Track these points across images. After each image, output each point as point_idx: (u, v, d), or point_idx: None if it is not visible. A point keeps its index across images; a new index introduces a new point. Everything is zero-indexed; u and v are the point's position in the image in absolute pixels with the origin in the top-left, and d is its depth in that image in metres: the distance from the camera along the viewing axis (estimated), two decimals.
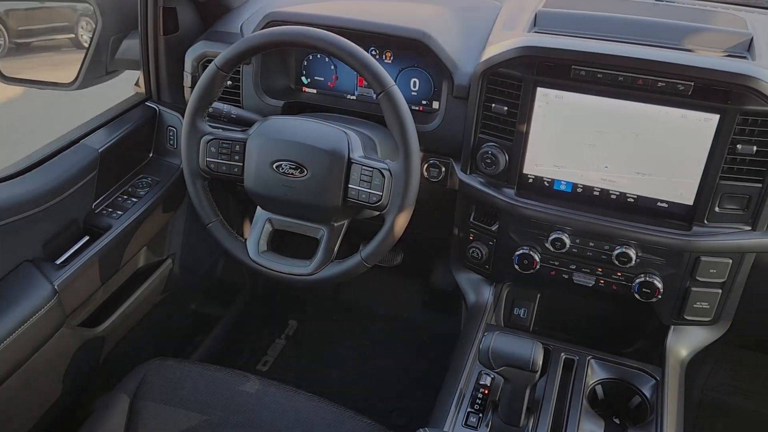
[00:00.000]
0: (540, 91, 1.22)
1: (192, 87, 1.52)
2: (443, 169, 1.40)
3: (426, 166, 1.41)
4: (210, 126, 1.28)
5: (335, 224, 1.26)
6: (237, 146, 1.26)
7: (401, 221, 1.18)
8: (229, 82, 1.47)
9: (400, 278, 2.22)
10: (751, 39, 1.25)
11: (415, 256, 2.01)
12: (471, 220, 1.40)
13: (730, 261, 1.23)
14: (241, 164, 1.26)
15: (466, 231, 1.41)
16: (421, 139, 1.29)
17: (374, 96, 1.19)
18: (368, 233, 1.25)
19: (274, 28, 1.21)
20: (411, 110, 1.38)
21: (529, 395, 1.11)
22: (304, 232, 1.28)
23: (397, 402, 1.96)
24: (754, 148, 1.13)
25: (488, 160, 1.30)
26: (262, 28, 1.39)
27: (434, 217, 1.50)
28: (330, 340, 2.18)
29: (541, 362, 1.06)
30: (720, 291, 1.27)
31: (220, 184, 1.33)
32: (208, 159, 1.27)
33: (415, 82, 1.44)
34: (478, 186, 1.35)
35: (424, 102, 1.45)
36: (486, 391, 1.19)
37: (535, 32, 1.32)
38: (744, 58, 1.22)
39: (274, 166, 1.22)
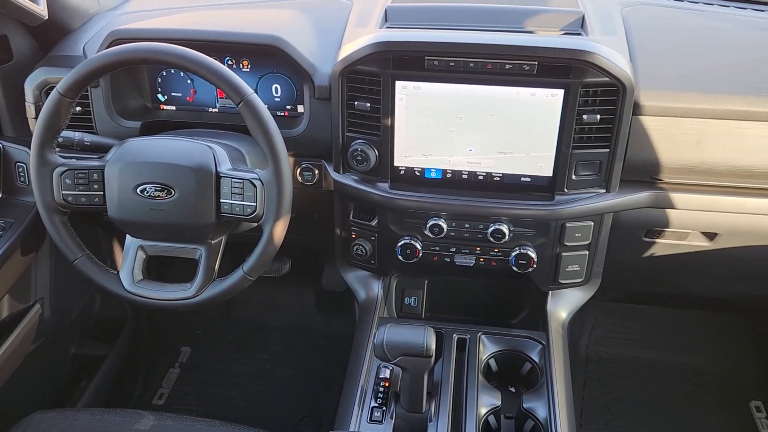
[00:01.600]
0: (399, 84, 1.25)
1: (36, 118, 1.42)
2: (316, 171, 1.40)
3: (299, 170, 1.40)
4: (62, 157, 1.20)
5: (212, 242, 1.22)
6: (95, 174, 1.19)
7: (279, 229, 1.16)
8: (77, 108, 1.39)
9: (291, 286, 2.20)
10: (583, 16, 1.35)
11: (303, 262, 2.00)
12: (350, 218, 1.40)
13: (592, 223, 1.32)
14: (102, 193, 1.19)
15: (348, 230, 1.42)
16: (289, 143, 1.29)
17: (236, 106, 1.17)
18: (250, 245, 1.23)
19: (120, 46, 1.15)
20: (276, 116, 1.37)
21: (428, 380, 1.13)
22: (180, 255, 1.23)
23: (304, 410, 1.94)
24: (598, 116, 1.22)
25: (359, 158, 1.32)
26: (107, 48, 1.32)
27: (315, 220, 1.50)
28: (227, 359, 2.12)
29: (434, 347, 1.09)
30: (587, 252, 1.36)
31: (84, 216, 1.25)
32: (64, 192, 1.19)
33: (276, 88, 1.43)
34: (352, 184, 1.36)
35: (288, 107, 1.44)
36: (387, 384, 1.21)
37: (387, 27, 1.35)
38: (579, 34, 1.32)
39: (138, 190, 1.16)
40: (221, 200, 1.17)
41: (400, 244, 1.37)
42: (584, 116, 1.22)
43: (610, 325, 2.14)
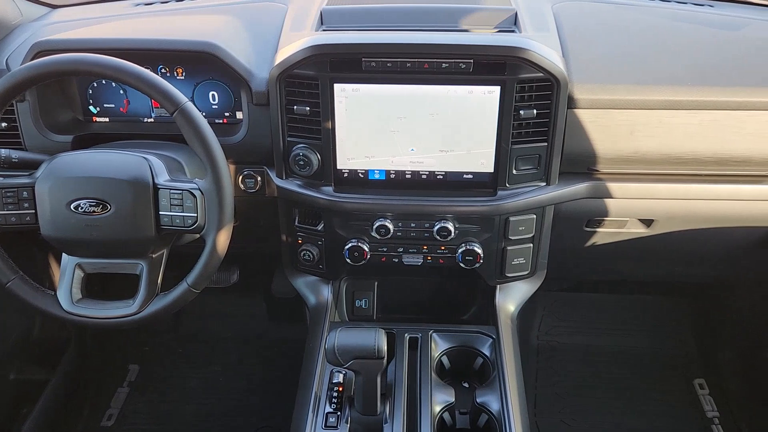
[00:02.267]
0: (337, 87, 1.24)
1: None
2: (259, 178, 1.38)
3: (240, 177, 1.38)
4: None
5: (153, 256, 1.19)
6: (24, 192, 1.14)
7: (222, 239, 1.14)
8: (3, 124, 1.33)
9: (241, 295, 2.16)
10: (516, 13, 1.37)
11: (252, 270, 1.97)
12: (296, 223, 1.39)
13: (535, 216, 1.35)
14: (33, 211, 1.14)
15: (294, 235, 1.41)
16: (229, 151, 1.27)
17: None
18: (195, 257, 1.20)
19: (45, 58, 1.11)
20: (214, 123, 1.34)
21: (382, 382, 1.13)
22: (120, 271, 1.20)
23: (260, 420, 1.91)
24: (535, 111, 1.24)
25: (301, 162, 1.30)
26: (31, 60, 1.27)
27: (261, 227, 1.48)
28: (178, 375, 2.07)
29: (385, 348, 1.09)
30: (531, 245, 1.39)
31: (17, 235, 1.20)
32: None
33: (213, 95, 1.40)
34: (296, 189, 1.34)
35: (226, 114, 1.42)
36: (340, 389, 1.20)
37: (323, 30, 1.34)
38: (512, 31, 1.34)
39: (72, 206, 1.12)
40: (160, 212, 1.14)
41: (347, 247, 1.36)
42: (521, 112, 1.24)
43: (558, 315, 2.18)
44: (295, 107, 1.27)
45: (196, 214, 1.13)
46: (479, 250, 1.35)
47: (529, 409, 1.90)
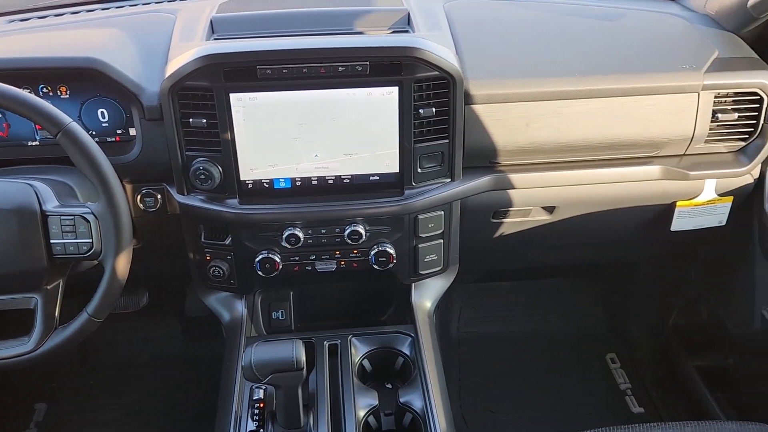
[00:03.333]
0: (233, 96, 1.21)
1: None
2: (159, 196, 1.32)
3: (139, 196, 1.32)
4: None
5: (48, 287, 1.11)
6: None
7: (122, 264, 1.09)
8: None
9: (153, 318, 2.08)
10: (409, 14, 1.39)
11: (162, 291, 1.90)
12: (202, 240, 1.35)
13: (443, 212, 1.36)
14: None
15: (201, 252, 1.36)
16: (124, 169, 1.21)
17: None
18: (97, 283, 1.14)
19: None
20: (106, 142, 1.28)
21: (303, 393, 1.12)
22: (12, 306, 1.11)
23: None
24: (434, 109, 1.26)
25: (202, 176, 1.26)
26: None
27: (166, 246, 1.42)
28: (91, 408, 1.96)
29: (304, 359, 1.07)
30: (442, 241, 1.41)
31: None
32: None
33: (103, 112, 1.33)
34: (199, 204, 1.30)
35: (119, 131, 1.35)
36: (261, 405, 1.17)
37: (215, 39, 1.31)
38: (406, 32, 1.35)
39: None
40: (51, 241, 1.07)
41: (258, 259, 1.33)
42: (421, 111, 1.25)
43: (475, 306, 2.23)
44: (191, 120, 1.23)
45: (91, 240, 1.07)
46: (391, 251, 1.35)
47: (455, 401, 1.93)
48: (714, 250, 1.71)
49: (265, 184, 1.30)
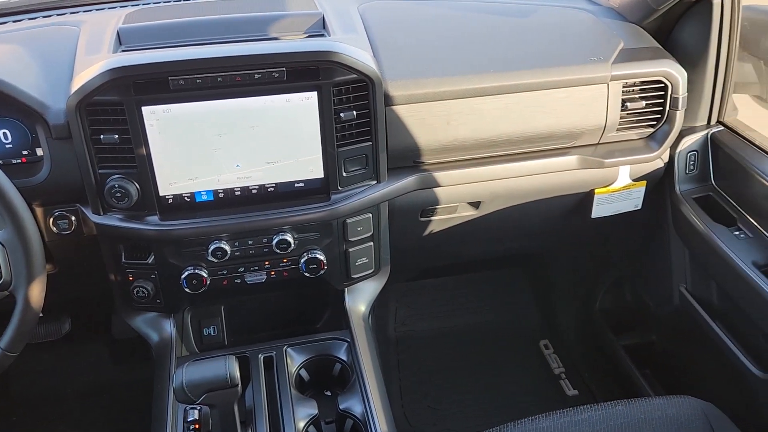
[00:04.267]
0: (146, 110, 1.17)
1: None
2: (73, 217, 1.26)
3: (51, 219, 1.25)
4: None
5: None
6: None
7: (36, 293, 1.03)
8: None
9: (78, 344, 1.98)
10: (323, 17, 1.38)
11: (86, 316, 1.82)
12: (123, 260, 1.29)
13: (371, 215, 1.36)
14: None
15: (123, 273, 1.31)
16: (34, 192, 1.16)
17: None
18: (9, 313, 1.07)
19: None
20: (11, 164, 1.22)
21: (240, 410, 1.09)
22: None
23: None
24: (355, 113, 1.25)
25: (118, 195, 1.21)
26: None
27: (85, 270, 1.36)
28: None
29: (238, 374, 1.05)
30: (372, 243, 1.40)
31: None
32: None
33: (5, 133, 1.25)
34: (117, 224, 1.25)
35: (24, 152, 1.26)
36: (197, 426, 1.13)
37: (122, 51, 1.26)
38: (322, 35, 1.34)
39: None
40: None
41: (184, 276, 1.29)
42: (341, 114, 1.24)
43: (411, 304, 2.25)
44: (101, 137, 1.17)
45: None
46: (322, 257, 1.34)
47: (396, 401, 1.93)
48: (632, 233, 1.79)
49: (186, 199, 1.26)
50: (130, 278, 1.30)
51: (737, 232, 1.41)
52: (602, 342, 2.01)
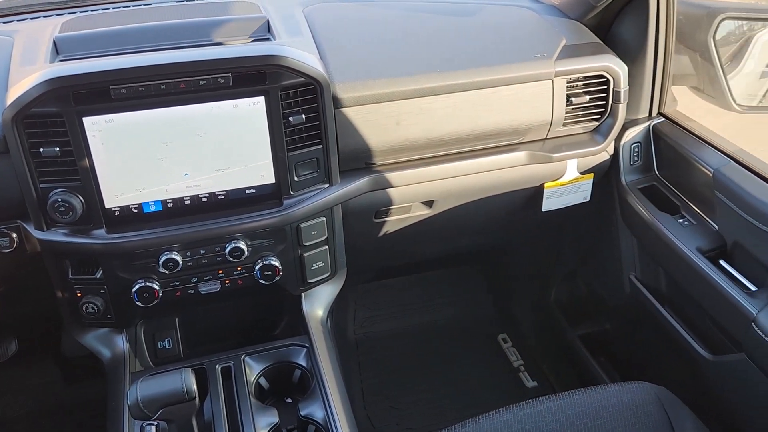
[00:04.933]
0: (87, 121, 1.13)
1: None
2: (14, 234, 1.21)
3: None
4: None
5: None
6: None
7: None
8: None
9: (27, 365, 1.91)
10: (268, 21, 1.36)
11: (34, 335, 1.75)
12: (70, 276, 1.25)
13: (324, 218, 1.35)
14: None
15: (70, 290, 1.26)
16: None
17: None
18: None
19: None
20: None
21: (199, 423, 1.07)
22: None
23: None
24: (304, 116, 1.24)
25: (62, 209, 1.17)
26: None
27: (31, 288, 1.31)
28: None
29: (195, 387, 1.03)
30: (327, 247, 1.40)
31: None
32: None
33: None
34: (62, 239, 1.21)
35: None
36: None
37: (60, 61, 1.22)
38: (267, 39, 1.33)
39: None
40: None
41: (134, 289, 1.26)
42: (290, 119, 1.23)
43: (370, 306, 2.25)
44: (41, 150, 1.13)
45: None
46: (277, 263, 1.33)
47: (358, 403, 1.93)
48: (583, 225, 1.83)
49: (133, 210, 1.23)
50: (78, 294, 1.27)
51: (681, 220, 1.45)
52: (558, 333, 2.05)
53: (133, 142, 1.17)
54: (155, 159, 1.20)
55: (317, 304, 1.44)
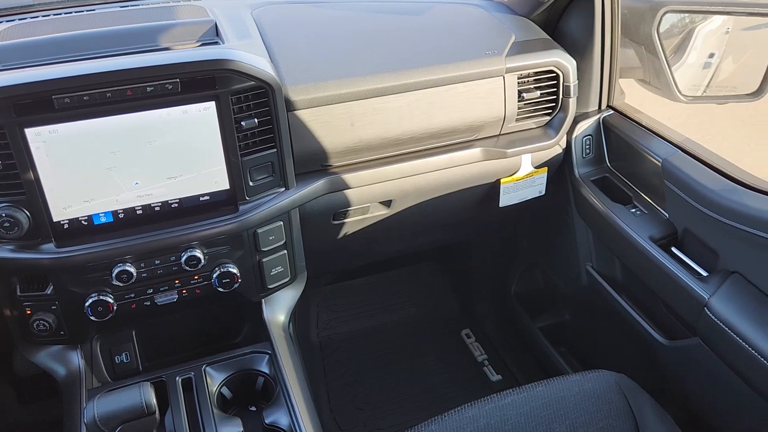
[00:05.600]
0: (30, 132, 1.09)
1: None
2: None
3: None
4: None
5: None
6: None
7: None
8: None
9: None
10: (216, 24, 1.34)
11: None
12: (18, 293, 1.21)
13: (282, 223, 1.34)
14: None
15: (19, 307, 1.22)
16: None
17: None
18: None
19: None
20: None
21: None
22: None
23: None
24: (256, 120, 1.23)
25: (7, 224, 1.13)
26: None
27: None
28: None
29: (154, 401, 1.01)
30: (286, 251, 1.38)
31: None
32: None
33: None
34: (8, 255, 1.16)
35: None
36: None
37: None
38: (216, 43, 1.31)
39: None
40: None
41: (88, 303, 1.22)
42: (243, 123, 1.21)
43: (332, 308, 2.24)
44: None
45: None
46: (235, 270, 1.31)
47: (324, 406, 1.92)
48: (539, 218, 1.85)
49: (83, 222, 1.19)
50: (28, 312, 1.22)
51: (633, 210, 1.49)
52: (520, 326, 2.08)
53: (80, 152, 1.14)
54: (104, 169, 1.17)
55: (278, 310, 1.42)
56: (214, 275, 1.30)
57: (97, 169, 1.16)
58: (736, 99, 1.48)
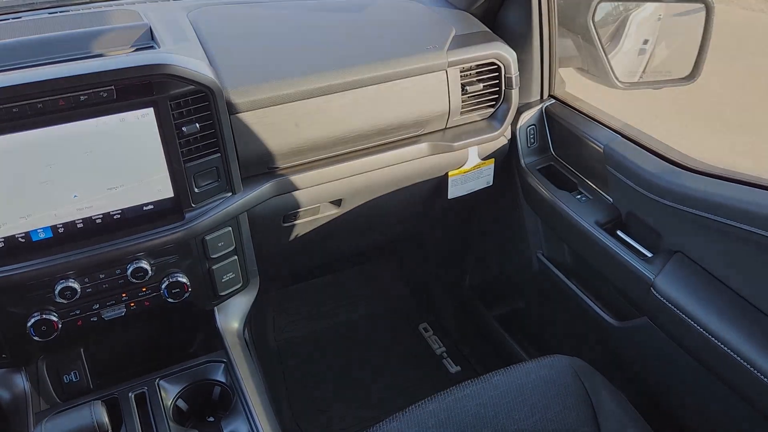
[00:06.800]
0: None
1: None
2: None
3: None
4: None
5: None
6: None
7: None
8: None
9: None
10: (150, 28, 1.30)
11: None
12: None
13: (230, 228, 1.31)
14: None
15: None
16: None
17: None
18: None
19: None
20: None
21: None
22: None
23: None
24: (197, 125, 1.20)
25: None
26: None
27: None
28: None
29: (106, 419, 0.98)
30: (236, 257, 1.36)
31: None
32: None
33: None
34: None
35: None
36: None
37: None
38: (151, 47, 1.27)
39: None
40: None
41: (30, 323, 1.17)
42: (183, 128, 1.18)
43: (288, 311, 2.21)
44: None
45: None
46: (184, 279, 1.27)
47: (285, 412, 1.90)
48: (489, 209, 1.87)
49: (20, 239, 1.14)
50: None
51: (579, 196, 1.52)
52: (476, 316, 2.10)
53: (12, 167, 1.09)
54: (39, 183, 1.12)
55: (232, 317, 1.40)
56: (163, 286, 1.26)
57: (33, 184, 1.11)
58: (672, 83, 1.52)
